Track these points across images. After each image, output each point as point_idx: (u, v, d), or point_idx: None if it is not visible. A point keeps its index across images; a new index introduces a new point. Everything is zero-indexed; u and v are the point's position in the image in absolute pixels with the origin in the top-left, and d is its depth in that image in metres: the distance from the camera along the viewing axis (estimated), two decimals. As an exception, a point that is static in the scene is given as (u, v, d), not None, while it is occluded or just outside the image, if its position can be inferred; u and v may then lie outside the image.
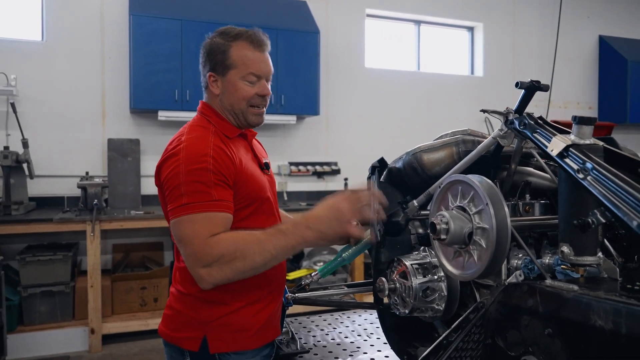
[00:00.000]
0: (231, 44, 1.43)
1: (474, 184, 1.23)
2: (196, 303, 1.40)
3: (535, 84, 1.36)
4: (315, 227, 1.29)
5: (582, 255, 1.15)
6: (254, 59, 1.44)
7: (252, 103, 1.46)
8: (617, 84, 6.40)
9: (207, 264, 1.24)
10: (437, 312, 1.39)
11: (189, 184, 1.29)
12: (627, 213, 0.97)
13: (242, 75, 1.43)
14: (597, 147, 1.18)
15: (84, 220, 3.76)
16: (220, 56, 1.43)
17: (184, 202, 1.28)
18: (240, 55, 1.43)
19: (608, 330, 0.91)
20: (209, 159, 1.32)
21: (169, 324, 1.45)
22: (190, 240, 1.26)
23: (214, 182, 1.30)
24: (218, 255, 1.24)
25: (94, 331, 3.81)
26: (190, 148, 1.33)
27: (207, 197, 1.29)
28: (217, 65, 1.44)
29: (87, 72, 4.49)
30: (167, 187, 1.33)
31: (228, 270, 1.24)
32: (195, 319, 1.40)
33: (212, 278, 1.25)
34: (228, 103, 1.46)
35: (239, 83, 1.44)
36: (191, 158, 1.31)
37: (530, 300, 1.09)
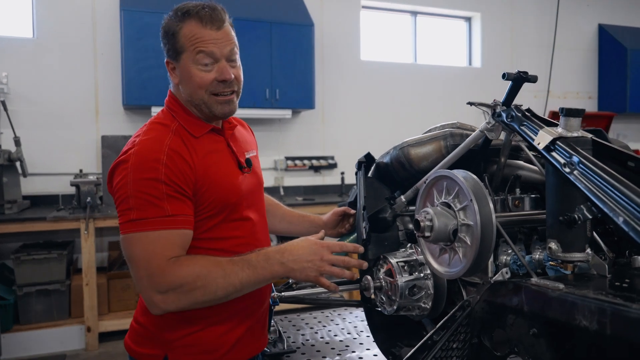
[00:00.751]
0: (180, 23, 1.26)
1: (458, 180, 1.19)
2: (160, 319, 1.26)
3: (523, 75, 1.32)
4: (288, 265, 1.18)
5: (570, 252, 1.11)
6: (204, 38, 1.24)
7: (213, 91, 1.27)
8: (617, 73, 6.34)
9: (163, 291, 1.12)
10: (424, 310, 1.36)
11: (138, 196, 1.14)
12: (613, 209, 0.93)
13: (193, 59, 1.24)
14: (585, 140, 1.15)
15: (78, 218, 3.74)
16: (172, 39, 1.27)
17: (132, 217, 1.14)
18: (190, 34, 1.24)
19: (593, 330, 0.87)
20: (161, 167, 1.15)
21: (133, 336, 1.34)
22: (144, 262, 1.13)
23: (166, 193, 1.15)
24: (177, 284, 1.12)
25: (90, 329, 3.80)
26: (140, 154, 1.17)
27: (159, 212, 1.14)
28: (171, 51, 1.28)
29: (79, 68, 4.45)
30: (116, 199, 1.18)
31: (185, 299, 1.13)
32: (157, 336, 1.28)
33: (165, 305, 1.13)
34: (187, 93, 1.28)
35: (192, 68, 1.25)
36: (141, 166, 1.15)
37: (516, 299, 1.06)
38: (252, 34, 4.36)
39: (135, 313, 1.38)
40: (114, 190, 1.20)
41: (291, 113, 4.86)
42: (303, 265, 1.19)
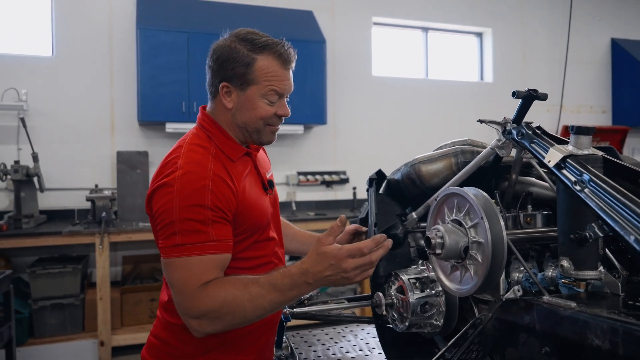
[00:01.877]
0: (257, 56, 1.26)
1: (468, 197, 1.20)
2: (184, 334, 1.28)
3: (533, 92, 1.33)
4: (316, 285, 1.17)
5: (582, 270, 1.11)
6: (280, 76, 1.28)
7: (269, 122, 1.31)
8: (631, 86, 6.29)
9: (196, 316, 1.15)
10: (435, 327, 1.36)
11: (183, 221, 1.15)
12: (624, 227, 0.94)
13: (263, 93, 1.27)
14: (596, 158, 1.15)
15: (93, 233, 3.78)
16: (242, 68, 1.26)
17: (177, 242, 1.15)
18: (266, 70, 1.26)
19: (605, 350, 0.87)
20: (207, 193, 1.17)
21: (154, 352, 1.36)
22: (179, 288, 1.16)
23: (211, 219, 1.17)
24: (205, 311, 1.14)
25: (103, 343, 3.82)
26: (186, 178, 1.17)
27: (203, 237, 1.16)
28: (236, 78, 1.26)
29: (96, 85, 4.54)
30: (159, 222, 1.18)
31: (218, 323, 1.16)
32: (181, 350, 1.31)
33: (202, 328, 1.16)
34: (241, 120, 1.30)
35: (258, 101, 1.27)
36: (187, 191, 1.16)
37: (527, 317, 1.05)
38: (265, 51, 4.41)
39: (154, 329, 1.40)
40: (156, 213, 1.20)
41: (303, 128, 4.90)
42: (331, 280, 1.15)
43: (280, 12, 4.94)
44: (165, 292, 1.37)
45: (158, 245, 1.22)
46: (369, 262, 1.15)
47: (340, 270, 1.13)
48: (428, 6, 5.71)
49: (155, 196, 1.21)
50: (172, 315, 1.31)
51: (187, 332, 1.26)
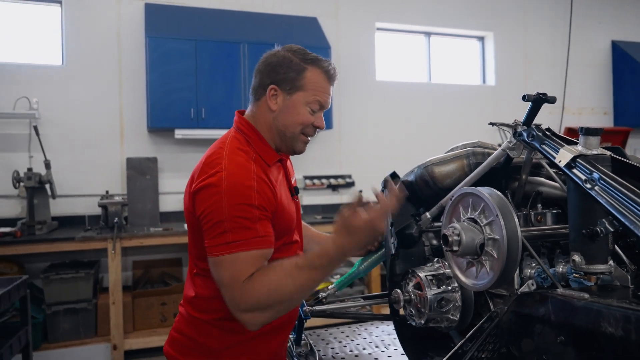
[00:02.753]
0: (308, 66, 1.38)
1: (483, 196, 1.26)
2: (209, 329, 1.36)
3: (542, 96, 1.38)
4: (346, 256, 1.27)
5: (593, 264, 1.17)
6: (325, 89, 1.40)
7: (305, 131, 1.40)
8: (632, 88, 6.36)
9: (248, 310, 1.20)
10: (452, 322, 1.41)
11: (232, 220, 1.21)
12: (633, 221, 0.99)
13: (308, 101, 1.37)
14: (605, 157, 1.21)
15: (105, 238, 3.84)
16: (293, 74, 1.36)
17: (228, 239, 1.21)
18: (314, 80, 1.37)
19: (618, 337, 0.93)
20: (253, 193, 1.24)
21: (178, 347, 1.42)
22: (229, 284, 1.21)
23: (258, 217, 1.24)
24: (254, 303, 1.19)
25: (116, 347, 3.87)
26: (232, 179, 1.24)
27: (252, 233, 1.22)
28: (286, 82, 1.36)
29: (105, 93, 4.62)
30: (207, 221, 1.24)
31: (268, 313, 1.21)
32: (206, 345, 1.37)
33: (255, 321, 1.21)
34: (282, 123, 1.38)
35: (302, 107, 1.37)
36: (235, 191, 1.22)
37: (542, 309, 1.11)
38: (271, 57, 4.50)
39: (177, 324, 1.45)
40: (204, 212, 1.24)
41: (309, 133, 4.96)
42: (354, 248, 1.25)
43: (285, 19, 5.02)
44: (192, 287, 1.42)
45: (207, 243, 1.25)
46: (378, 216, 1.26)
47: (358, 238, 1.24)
48: (430, 11, 5.78)
49: (201, 195, 1.26)
50: (198, 310, 1.38)
51: (211, 327, 1.36)
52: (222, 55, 4.51)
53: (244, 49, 4.56)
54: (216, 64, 4.48)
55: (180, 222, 4.57)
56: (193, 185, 1.30)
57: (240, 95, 4.53)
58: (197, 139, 4.60)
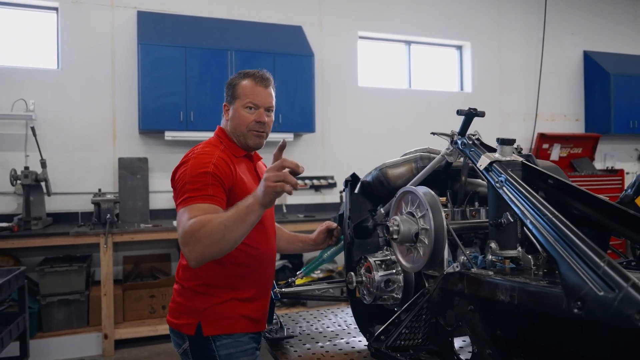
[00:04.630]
0: (240, 80, 1.77)
1: (419, 194, 1.53)
2: (193, 295, 1.69)
3: (473, 111, 1.67)
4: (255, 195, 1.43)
5: (504, 249, 1.44)
6: (254, 92, 1.76)
7: (250, 128, 1.76)
8: (602, 96, 6.69)
9: (185, 242, 1.44)
10: (396, 300, 1.68)
11: (191, 183, 1.57)
12: (524, 214, 1.27)
13: (243, 104, 1.75)
14: (516, 163, 1.48)
15: (98, 234, 4.07)
16: (231, 89, 1.78)
17: (185, 196, 1.55)
18: (244, 88, 1.76)
19: (507, 302, 1.20)
20: (211, 166, 1.61)
21: (173, 313, 1.76)
22: (180, 224, 1.51)
23: (211, 182, 1.58)
24: (189, 234, 1.43)
25: (107, 336, 4.10)
26: (197, 158, 1.64)
27: (203, 192, 1.55)
28: (229, 97, 1.80)
29: (99, 96, 4.85)
30: (176, 186, 1.63)
31: (200, 247, 1.42)
32: (191, 308, 1.69)
33: (191, 254, 1.43)
34: (232, 127, 1.78)
35: (241, 111, 1.75)
36: (197, 164, 1.61)
37: (460, 285, 1.38)
38: (258, 64, 4.74)
39: (173, 296, 1.81)
40: (176, 181, 1.65)
41: (293, 136, 5.23)
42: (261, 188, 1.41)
43: (271, 28, 5.28)
44: (180, 264, 1.78)
45: (176, 206, 1.61)
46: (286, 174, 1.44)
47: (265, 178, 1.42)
48: (411, 21, 6.07)
49: (177, 173, 1.67)
50: (183, 279, 1.74)
51: (193, 292, 1.70)
52: (211, 62, 4.76)
53: (231, 55, 4.81)
54: (205, 70, 4.73)
55: (169, 219, 4.81)
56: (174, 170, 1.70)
57: (227, 99, 4.77)
58: (186, 140, 4.85)
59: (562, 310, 1.05)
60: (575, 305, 1.02)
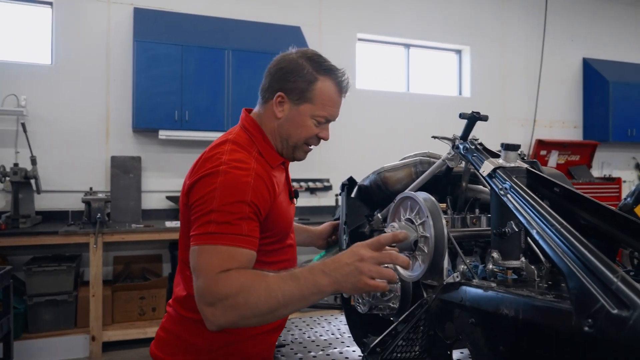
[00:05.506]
0: (319, 77, 1.34)
1: (418, 200, 1.47)
2: (200, 329, 1.26)
3: (476, 114, 1.60)
4: (331, 274, 1.11)
5: (507, 260, 1.38)
6: (334, 104, 1.38)
7: (308, 142, 1.40)
8: (600, 104, 6.67)
9: (211, 303, 1.11)
10: (392, 309, 1.60)
11: (221, 213, 1.17)
12: (530, 223, 1.20)
13: (314, 114, 1.35)
14: (520, 169, 1.42)
15: (88, 233, 3.99)
16: (303, 84, 1.33)
17: (210, 230, 1.16)
18: (324, 93, 1.34)
19: (511, 317, 1.13)
20: (248, 189, 1.20)
21: (165, 348, 1.37)
22: (202, 273, 1.14)
23: (247, 215, 1.19)
24: (223, 295, 1.10)
25: (94, 338, 4.01)
26: (231, 172, 1.20)
27: (236, 229, 1.17)
28: (294, 91, 1.33)
29: (92, 93, 4.77)
30: (198, 210, 1.20)
31: (231, 313, 1.10)
32: (196, 345, 1.32)
33: (215, 319, 1.11)
34: (286, 133, 1.37)
35: (307, 119, 1.35)
36: (230, 184, 1.19)
37: (460, 296, 1.31)
38: (257, 63, 4.67)
39: (165, 324, 1.41)
40: (196, 202, 1.21)
41: (290, 138, 5.15)
42: (345, 271, 1.11)
43: (269, 28, 5.22)
44: (183, 287, 1.37)
45: (191, 233, 1.21)
46: (387, 257, 1.16)
47: (356, 259, 1.11)
48: (410, 24, 6.03)
49: (197, 186, 1.22)
50: (190, 309, 1.32)
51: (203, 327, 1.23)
52: (208, 61, 4.69)
53: (228, 55, 4.74)
54: (201, 69, 4.66)
55: (161, 219, 4.73)
56: (192, 178, 1.25)
57: (223, 99, 4.71)
58: (180, 140, 4.77)
59: (572, 327, 0.99)
60: (586, 323, 0.95)
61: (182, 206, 1.32)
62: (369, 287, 1.14)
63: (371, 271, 1.13)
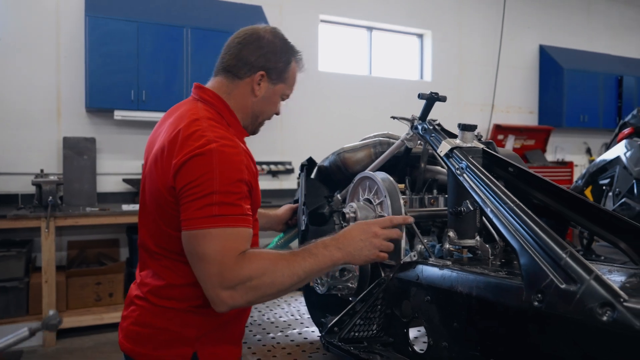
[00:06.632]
0: (293, 59, 1.40)
1: (376, 180, 1.47)
2: (185, 317, 1.25)
3: (434, 95, 1.61)
4: (346, 249, 1.24)
5: (463, 239, 1.40)
6: (296, 83, 1.46)
7: (269, 118, 1.46)
8: (555, 90, 6.87)
9: (231, 286, 1.12)
10: (351, 289, 1.61)
11: (223, 193, 1.14)
12: (485, 202, 1.22)
13: (284, 93, 1.42)
14: (477, 150, 1.44)
15: (39, 217, 3.83)
16: (282, 65, 1.37)
17: (215, 212, 1.12)
18: (293, 74, 1.42)
19: (464, 294, 1.15)
20: (244, 169, 1.19)
21: (146, 343, 1.27)
22: (218, 258, 1.11)
23: (245, 194, 1.19)
24: (246, 278, 1.12)
25: (48, 326, 3.88)
26: (224, 151, 1.17)
27: (239, 210, 1.16)
28: (274, 71, 1.36)
29: (42, 70, 4.54)
30: (195, 191, 1.14)
31: (252, 293, 1.14)
32: (182, 335, 1.26)
33: (233, 301, 1.13)
34: (259, 109, 1.39)
35: (278, 98, 1.41)
36: (227, 165, 1.16)
37: (416, 275, 1.33)
38: (217, 43, 4.53)
39: (140, 318, 1.30)
40: (192, 184, 1.14)
41: (251, 120, 5.08)
42: (359, 245, 1.26)
43: (230, 6, 5.09)
44: (158, 276, 1.29)
45: (186, 215, 1.15)
46: (396, 234, 1.33)
47: (370, 235, 1.27)
48: (373, 7, 6.01)
49: (189, 166, 1.15)
50: (171, 299, 1.26)
51: (187, 315, 1.25)
52: (165, 39, 4.54)
53: (187, 33, 4.60)
54: (159, 47, 4.51)
55: (118, 202, 4.59)
56: (178, 158, 1.17)
57: (182, 78, 4.58)
58: (137, 120, 4.62)
59: (522, 302, 1.01)
60: (536, 298, 0.98)
61: (160, 189, 1.22)
62: (379, 259, 1.31)
63: (382, 245, 1.30)
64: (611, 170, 3.12)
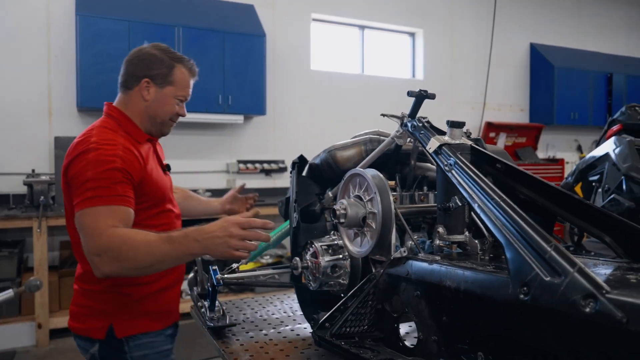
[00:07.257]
0: (176, 64, 1.63)
1: (367, 177, 1.48)
2: (103, 296, 1.57)
3: (423, 92, 1.63)
4: (203, 242, 1.35)
5: (452, 234, 1.41)
6: (188, 85, 1.68)
7: (172, 118, 1.69)
8: (546, 88, 6.93)
9: (98, 254, 1.33)
10: (342, 286, 1.62)
11: (95, 180, 1.40)
12: (472, 198, 1.24)
13: (176, 94, 1.65)
14: (465, 146, 1.45)
15: (30, 217, 3.81)
16: (164, 70, 1.61)
17: (88, 195, 1.38)
18: (182, 77, 1.65)
19: (454, 288, 1.17)
20: (117, 159, 1.45)
21: (77, 317, 1.62)
22: (89, 231, 1.36)
23: (119, 179, 1.43)
24: (107, 247, 1.32)
25: (41, 326, 3.87)
26: (101, 148, 1.45)
27: (110, 191, 1.40)
28: (158, 76, 1.61)
29: (32, 69, 4.52)
30: (75, 182, 1.43)
31: (116, 264, 1.33)
32: (101, 310, 1.58)
33: (102, 267, 1.33)
34: (153, 112, 1.64)
35: (171, 99, 1.64)
36: (100, 158, 1.43)
37: (406, 270, 1.34)
38: (207, 42, 4.57)
39: (75, 300, 1.65)
40: (73, 178, 1.44)
41: (243, 118, 5.08)
42: (215, 242, 1.34)
43: (222, 5, 5.08)
44: (80, 265, 1.63)
45: (74, 203, 1.42)
46: (254, 236, 1.39)
47: (226, 234, 1.34)
48: (365, 5, 6.02)
49: (72, 164, 1.45)
50: (90, 283, 1.59)
51: (104, 294, 1.58)
52: (156, 38, 4.48)
53: (179, 32, 4.60)
54: (150, 46, 4.49)
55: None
56: (67, 160, 1.48)
57: (174, 78, 4.57)
58: (129, 120, 4.60)
59: (508, 295, 1.03)
60: (522, 291, 0.99)
61: (64, 186, 1.52)
62: (233, 257, 1.41)
63: (237, 245, 1.37)
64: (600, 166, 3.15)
